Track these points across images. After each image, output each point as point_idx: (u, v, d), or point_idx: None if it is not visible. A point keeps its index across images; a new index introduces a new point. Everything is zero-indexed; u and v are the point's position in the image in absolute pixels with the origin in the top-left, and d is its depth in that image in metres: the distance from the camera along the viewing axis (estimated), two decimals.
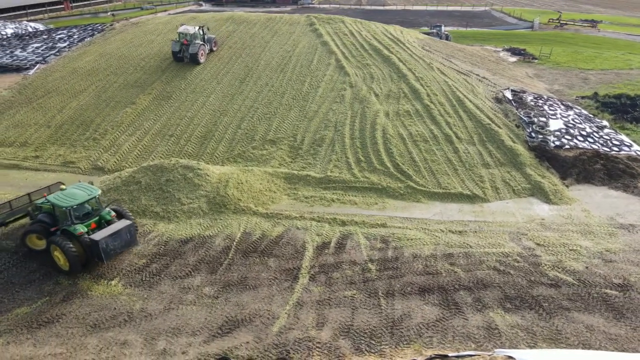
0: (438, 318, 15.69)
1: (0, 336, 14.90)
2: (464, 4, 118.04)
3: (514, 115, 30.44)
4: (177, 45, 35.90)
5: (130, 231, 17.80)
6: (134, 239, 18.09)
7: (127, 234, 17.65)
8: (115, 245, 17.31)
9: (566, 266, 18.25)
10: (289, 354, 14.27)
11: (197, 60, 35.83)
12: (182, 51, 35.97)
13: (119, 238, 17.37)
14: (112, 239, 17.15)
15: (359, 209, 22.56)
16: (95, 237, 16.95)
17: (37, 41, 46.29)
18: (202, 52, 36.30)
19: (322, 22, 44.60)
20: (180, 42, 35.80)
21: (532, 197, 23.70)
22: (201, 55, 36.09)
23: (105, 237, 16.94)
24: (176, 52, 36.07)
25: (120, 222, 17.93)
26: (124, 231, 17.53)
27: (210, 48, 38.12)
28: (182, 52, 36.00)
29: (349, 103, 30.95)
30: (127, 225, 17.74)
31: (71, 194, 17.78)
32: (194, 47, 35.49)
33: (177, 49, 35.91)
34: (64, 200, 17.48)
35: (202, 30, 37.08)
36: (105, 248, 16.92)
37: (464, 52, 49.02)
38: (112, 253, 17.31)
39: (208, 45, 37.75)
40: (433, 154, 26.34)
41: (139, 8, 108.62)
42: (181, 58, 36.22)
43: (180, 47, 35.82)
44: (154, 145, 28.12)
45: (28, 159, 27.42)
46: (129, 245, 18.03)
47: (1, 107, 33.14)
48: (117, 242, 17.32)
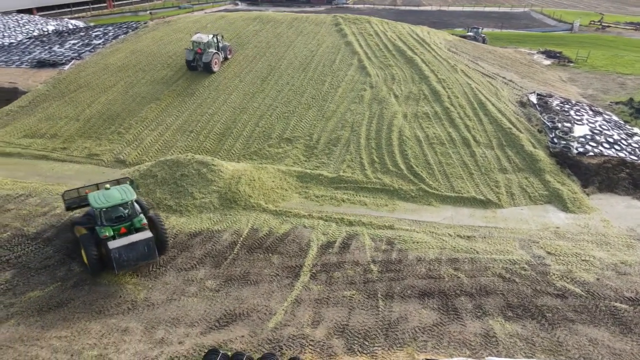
0: (435, 323, 15.53)
1: (12, 317, 15.73)
2: (502, 5, 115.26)
3: (537, 120, 29.57)
4: (190, 53, 35.41)
5: (149, 245, 16.78)
6: (152, 254, 16.99)
7: (144, 247, 16.67)
8: (130, 257, 16.53)
9: (576, 277, 17.67)
10: (281, 350, 14.45)
11: (210, 69, 35.38)
12: (196, 60, 35.52)
13: (134, 250, 16.51)
14: (127, 250, 16.40)
15: (368, 209, 22.51)
16: (111, 244, 16.43)
17: (74, 38, 48.26)
18: (216, 61, 35.87)
19: (348, 22, 44.55)
20: (194, 51, 35.30)
21: (549, 205, 23.02)
22: (215, 64, 35.62)
23: (119, 247, 16.31)
24: (190, 61, 35.61)
25: (140, 234, 17.06)
26: (141, 244, 16.61)
27: (224, 56, 37.58)
28: (196, 60, 35.55)
29: (368, 104, 30.85)
30: (146, 238, 16.78)
31: (108, 195, 17.55)
32: (207, 56, 34.98)
33: (190, 58, 35.46)
34: (98, 200, 17.34)
35: (216, 39, 36.43)
36: (118, 258, 16.33)
37: (494, 54, 47.91)
38: (125, 264, 16.60)
39: (222, 53, 37.23)
40: (449, 157, 25.95)
41: (177, 7, 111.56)
42: (195, 67, 35.81)
43: (194, 56, 35.36)
44: (174, 140, 28.89)
45: (56, 150, 28.71)
46: (146, 259, 17.01)
47: (36, 100, 34.79)
48: (132, 253, 16.50)
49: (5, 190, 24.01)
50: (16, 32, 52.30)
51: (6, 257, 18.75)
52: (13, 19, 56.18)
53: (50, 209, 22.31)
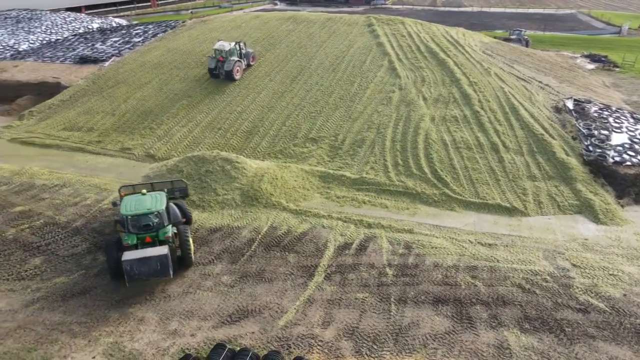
0: (447, 330, 15.23)
1: (38, 302, 16.52)
2: (548, 6, 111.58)
3: (572, 127, 28.46)
4: (213, 61, 35.03)
5: (162, 262, 16.06)
6: (165, 271, 16.23)
7: (157, 263, 16.00)
8: (142, 271, 15.96)
9: (601, 291, 16.92)
10: (289, 348, 14.55)
11: (232, 77, 34.87)
12: (218, 68, 35.01)
13: (147, 265, 15.93)
14: (139, 264, 15.87)
15: (388, 212, 22.31)
16: (124, 256, 16.03)
17: (116, 35, 50.11)
18: (238, 69, 35.34)
19: (381, 23, 44.23)
20: (216, 59, 34.88)
21: (579, 215, 22.13)
22: (237, 72, 35.13)
23: (132, 260, 15.84)
24: (212, 69, 35.18)
25: (156, 249, 16.47)
26: (154, 260, 15.97)
27: (247, 63, 37.08)
28: (218, 68, 35.04)
29: (396, 106, 30.55)
30: (160, 255, 16.08)
31: (138, 202, 17.34)
32: (229, 64, 34.51)
33: (212, 66, 35.04)
34: (128, 206, 17.15)
35: (238, 46, 35.91)
36: (129, 271, 15.86)
37: (533, 57, 46.42)
38: (136, 277, 16.07)
39: (245, 60, 36.70)
40: (475, 162, 25.36)
41: (217, 6, 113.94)
42: (217, 75, 35.34)
43: (216, 64, 34.92)
44: (203, 137, 29.53)
45: (92, 143, 29.90)
46: (158, 275, 16.28)
47: (76, 94, 36.34)
48: (144, 268, 15.93)
49: (42, 180, 25.21)
50: (63, 29, 54.80)
51: (37, 243, 19.71)
52: (61, 16, 58.87)
53: (82, 199, 23.27)
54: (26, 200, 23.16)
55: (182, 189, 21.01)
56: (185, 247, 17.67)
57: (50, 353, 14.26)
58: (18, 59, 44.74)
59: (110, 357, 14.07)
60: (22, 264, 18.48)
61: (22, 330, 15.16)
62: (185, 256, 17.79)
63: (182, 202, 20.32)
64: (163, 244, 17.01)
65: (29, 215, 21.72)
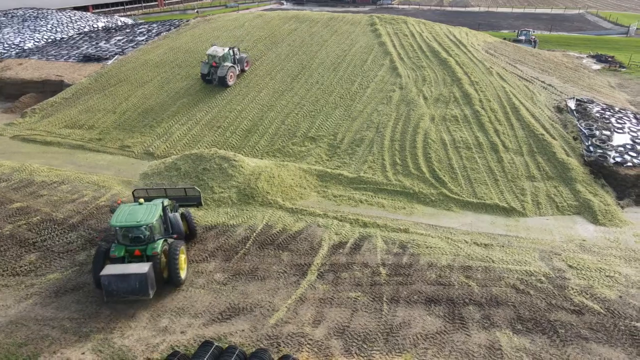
0: (439, 330, 15.10)
1: (31, 297, 16.59)
2: (555, 7, 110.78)
3: (574, 127, 28.18)
4: (205, 67, 34.24)
5: (141, 281, 15.13)
6: (143, 290, 15.28)
7: (136, 282, 15.10)
8: (120, 289, 15.17)
9: (596, 293, 16.71)
10: (279, 347, 14.49)
11: (225, 83, 34.06)
12: (211, 73, 34.26)
13: (126, 282, 15.10)
14: (117, 280, 15.08)
15: (385, 212, 22.21)
16: (104, 271, 15.33)
17: (120, 34, 50.36)
18: (232, 75, 34.52)
19: (384, 22, 44.10)
20: (209, 64, 34.11)
21: (577, 216, 21.91)
22: (230, 77, 34.29)
23: (110, 276, 15.08)
24: (204, 75, 34.43)
25: (136, 266, 15.55)
26: (132, 278, 15.08)
27: (241, 68, 36.14)
28: (211, 74, 34.28)
29: (396, 105, 30.42)
30: (139, 273, 15.14)
31: (131, 212, 16.43)
32: (222, 69, 33.68)
33: (205, 71, 34.25)
34: (117, 216, 16.29)
35: (232, 51, 35.04)
36: (107, 286, 15.13)
37: (537, 57, 46.07)
38: (114, 294, 15.31)
39: (239, 65, 35.80)
40: (474, 162, 25.18)
41: (224, 6, 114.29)
42: (210, 80, 34.55)
43: (209, 70, 34.14)
44: (202, 135, 29.57)
45: (92, 141, 30.06)
46: (136, 295, 15.39)
47: (79, 92, 36.54)
48: (123, 285, 15.11)
49: (42, 176, 25.35)
50: (68, 28, 55.17)
51: (33, 240, 19.80)
52: (66, 15, 59.28)
53: (79, 196, 23.37)
54: (24, 196, 23.30)
55: (195, 198, 19.97)
56: (173, 266, 16.37)
57: (40, 348, 14.30)
58: (23, 57, 45.10)
59: (99, 353, 14.09)
60: (17, 259, 18.58)
61: (14, 325, 15.23)
62: (172, 275, 16.53)
63: (189, 214, 19.42)
64: (151, 259, 16.03)
65: (26, 212, 21.84)
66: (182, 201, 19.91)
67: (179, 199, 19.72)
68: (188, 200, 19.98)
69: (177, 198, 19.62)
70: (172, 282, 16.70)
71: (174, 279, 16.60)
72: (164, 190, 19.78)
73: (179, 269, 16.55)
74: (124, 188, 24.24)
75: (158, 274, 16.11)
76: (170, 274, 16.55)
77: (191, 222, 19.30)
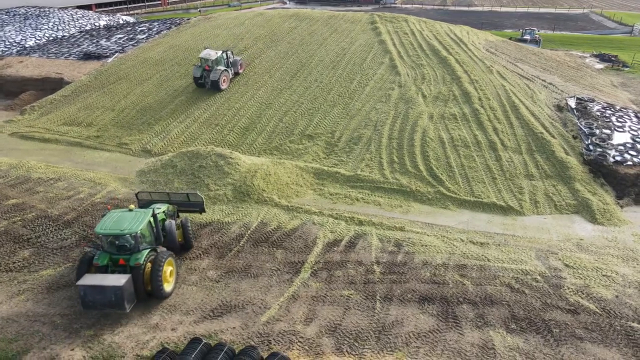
0: (431, 329, 14.94)
1: (23, 293, 16.54)
2: (560, 6, 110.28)
3: (574, 125, 27.93)
4: (198, 70, 33.35)
5: (117, 294, 14.36)
6: (119, 304, 14.51)
7: (112, 295, 14.36)
8: (96, 300, 14.51)
9: (592, 292, 16.51)
10: (269, 344, 14.38)
11: (218, 87, 33.28)
12: (204, 77, 33.48)
13: (101, 294, 14.41)
14: (93, 291, 14.43)
15: (381, 210, 22.07)
16: (81, 280, 14.75)
17: (121, 32, 50.40)
18: (225, 79, 33.71)
19: (384, 21, 43.92)
20: (202, 68, 33.27)
21: (576, 215, 21.69)
22: (223, 81, 33.49)
23: (87, 286, 14.46)
24: (197, 78, 33.55)
25: (114, 278, 14.74)
26: (109, 290, 14.33)
27: (235, 71, 35.37)
28: (204, 78, 33.50)
29: (394, 103, 30.25)
30: (115, 286, 14.34)
31: (118, 219, 15.64)
32: (215, 73, 32.94)
33: (198, 75, 33.38)
34: (103, 223, 15.56)
35: (225, 55, 34.32)
36: (84, 297, 14.53)
37: (539, 56, 45.74)
38: (91, 305, 14.68)
39: (233, 69, 35.04)
40: (472, 160, 24.99)
41: (227, 5, 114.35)
42: (202, 84, 33.79)
43: (202, 73, 33.34)
44: (200, 133, 29.51)
45: (90, 138, 30.06)
46: (112, 308, 14.66)
47: (78, 90, 36.58)
48: (98, 297, 14.44)
49: (38, 173, 25.36)
50: (70, 26, 55.28)
51: (28, 236, 19.77)
52: (68, 13, 59.40)
53: (75, 193, 23.35)
54: (21, 193, 23.30)
55: (198, 204, 19.37)
56: (155, 278, 15.25)
57: (30, 344, 14.24)
58: (24, 54, 45.19)
59: (88, 350, 14.01)
60: (11, 255, 18.54)
61: (5, 321, 15.18)
62: (154, 288, 15.43)
63: (187, 223, 18.57)
64: (134, 270, 15.16)
65: (22, 208, 21.83)
66: (185, 207, 19.43)
67: (181, 205, 19.29)
68: (191, 205, 19.43)
69: (179, 203, 19.22)
70: (154, 296, 15.69)
71: (155, 293, 15.55)
72: (166, 195, 19.24)
73: (162, 281, 15.46)
74: (120, 185, 24.20)
75: (140, 286, 15.19)
76: (152, 286, 15.43)
77: (187, 232, 18.43)
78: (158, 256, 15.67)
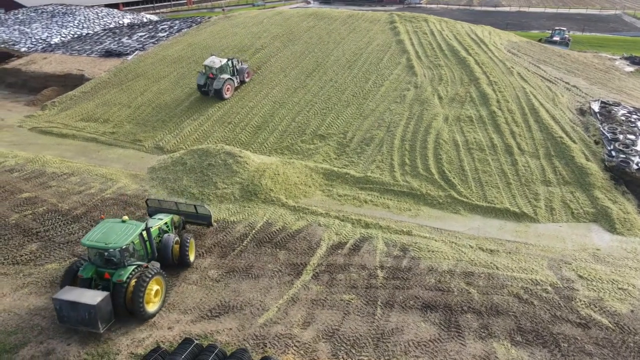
0: (432, 338, 14.44)
1: (27, 286, 16.72)
2: (591, 7, 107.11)
3: (596, 130, 26.81)
4: (202, 78, 32.31)
5: (90, 313, 13.50)
6: (93, 324, 13.66)
7: (85, 313, 13.55)
8: (70, 317, 13.82)
9: (606, 306, 15.71)
10: (265, 347, 14.13)
11: (221, 96, 32.24)
12: (207, 85, 32.43)
13: (75, 311, 13.66)
14: (68, 307, 13.71)
15: (389, 213, 21.58)
16: (58, 293, 14.08)
17: (143, 30, 51.07)
18: (229, 87, 32.62)
19: (403, 20, 43.22)
20: (206, 75, 32.26)
21: (594, 224, 20.76)
22: (227, 90, 32.40)
23: (62, 300, 13.75)
24: (201, 86, 32.50)
25: (90, 295, 13.84)
26: (82, 308, 13.52)
27: (241, 80, 34.26)
28: (207, 85, 32.45)
29: (409, 104, 29.65)
30: (88, 304, 13.47)
31: (107, 231, 14.91)
32: (218, 82, 31.90)
33: (202, 82, 32.32)
34: (92, 234, 14.86)
35: (231, 62, 33.23)
36: (59, 311, 13.90)
37: (565, 58, 44.29)
38: (66, 321, 14.01)
39: (239, 77, 33.96)
40: (486, 164, 24.23)
41: (251, 4, 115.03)
42: (206, 92, 32.70)
43: (206, 81, 32.26)
44: (212, 131, 29.52)
45: (105, 135, 30.43)
46: (86, 326, 13.86)
47: (97, 87, 37.16)
48: (72, 313, 13.74)
49: (53, 168, 25.77)
50: (94, 24, 56.35)
51: (36, 229, 20.05)
52: (94, 11, 60.58)
53: (86, 188, 23.62)
54: (34, 187, 23.69)
55: (205, 217, 18.87)
56: (136, 297, 14.33)
57: (28, 337, 14.35)
58: (48, 51, 46.25)
59: (84, 345, 14.03)
60: (19, 248, 18.81)
61: (7, 314, 15.35)
62: (134, 309, 14.51)
63: (187, 240, 17.38)
64: (117, 287, 14.38)
65: (33, 202, 22.18)
66: (192, 218, 19.09)
67: (188, 216, 18.97)
68: (198, 218, 18.99)
69: (186, 215, 18.94)
70: (135, 316, 14.77)
71: (136, 313, 14.62)
72: (175, 204, 18.91)
73: (143, 302, 14.49)
74: (131, 181, 24.36)
75: (121, 304, 14.37)
76: (133, 306, 14.48)
77: (185, 250, 17.17)
78: (143, 274, 14.61)
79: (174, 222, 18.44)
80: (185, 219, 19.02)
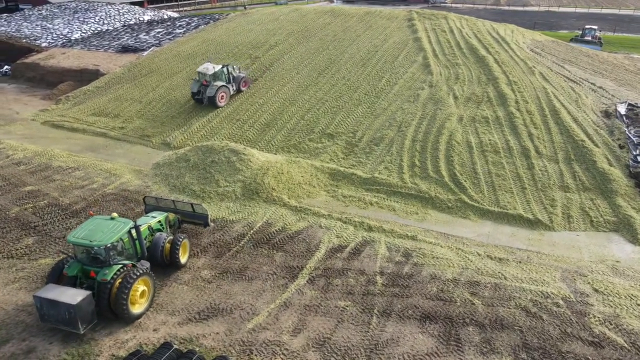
0: (430, 351, 13.51)
1: (18, 281, 16.45)
2: (625, 7, 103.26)
3: (622, 134, 25.26)
4: (195, 85, 30.99)
5: (70, 313, 13.04)
6: (73, 324, 13.23)
7: (65, 313, 13.07)
8: (51, 315, 13.39)
9: (623, 323, 14.47)
10: (251, 354, 13.45)
11: (215, 104, 30.79)
12: (201, 92, 30.97)
13: (55, 310, 13.21)
14: (48, 305, 13.28)
15: (394, 216, 20.65)
16: (40, 290, 13.77)
17: (160, 27, 51.19)
18: (223, 95, 31.09)
19: (422, 18, 42.03)
20: (200, 82, 30.93)
21: (614, 233, 19.40)
22: (221, 98, 30.92)
23: (43, 298, 13.30)
24: (194, 93, 31.11)
25: (71, 294, 13.36)
26: (62, 307, 13.04)
27: (237, 88, 32.64)
28: (201, 93, 30.98)
29: (422, 103, 28.59)
30: (68, 303, 12.98)
31: (94, 228, 14.46)
32: (211, 89, 30.38)
33: (195, 90, 30.95)
34: (79, 230, 14.44)
35: (227, 69, 31.71)
36: (40, 309, 13.51)
37: (593, 58, 42.35)
38: (47, 319, 13.59)
39: (235, 85, 32.36)
40: (501, 167, 23.04)
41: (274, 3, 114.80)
42: (200, 100, 31.21)
43: (199, 88, 30.85)
44: (220, 127, 29.07)
45: (115, 129, 30.33)
46: (66, 326, 13.40)
47: (111, 82, 37.24)
48: (52, 312, 13.30)
49: (59, 162, 25.71)
50: (115, 20, 56.84)
51: (35, 223, 19.86)
52: (115, 8, 61.15)
53: (89, 182, 23.42)
54: (38, 180, 23.62)
55: (202, 217, 18.31)
56: (120, 299, 13.77)
57: (11, 334, 14.02)
58: (68, 47, 46.74)
59: (65, 345, 13.60)
60: (15, 242, 18.62)
61: None
62: (117, 310, 13.96)
63: (178, 240, 16.69)
64: (100, 286, 13.86)
65: (35, 195, 22.06)
66: (188, 217, 18.63)
67: (185, 215, 18.52)
68: (195, 217, 18.47)
69: (183, 213, 18.51)
70: (119, 318, 14.25)
71: (119, 314, 14.09)
72: (172, 203, 18.49)
73: (127, 303, 13.90)
74: (134, 177, 24.06)
75: (105, 304, 13.81)
76: (116, 307, 13.93)
77: (174, 250, 16.45)
78: (129, 274, 14.02)
79: (169, 220, 17.97)
80: (181, 217, 18.53)
